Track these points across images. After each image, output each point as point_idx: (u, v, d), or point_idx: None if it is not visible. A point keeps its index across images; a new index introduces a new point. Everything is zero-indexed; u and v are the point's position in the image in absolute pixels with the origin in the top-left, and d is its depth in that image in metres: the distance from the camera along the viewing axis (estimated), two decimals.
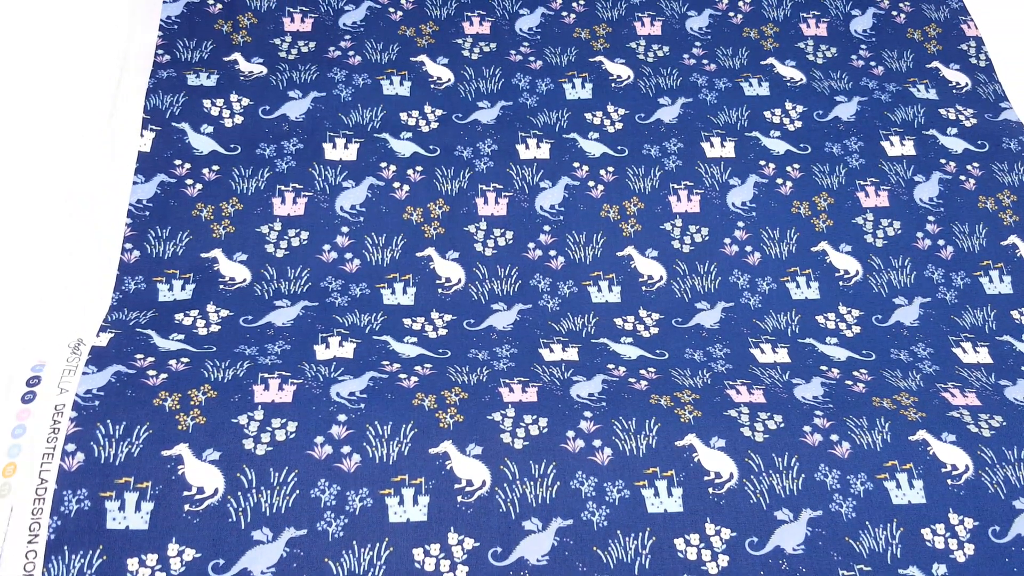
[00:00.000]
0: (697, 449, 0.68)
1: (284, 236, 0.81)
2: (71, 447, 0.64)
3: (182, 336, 0.72)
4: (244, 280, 0.78)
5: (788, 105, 0.93)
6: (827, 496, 0.67)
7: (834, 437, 0.69)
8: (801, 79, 0.95)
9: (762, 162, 0.88)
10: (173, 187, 0.82)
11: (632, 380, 0.72)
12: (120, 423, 0.65)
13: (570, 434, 0.68)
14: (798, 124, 0.92)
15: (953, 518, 0.67)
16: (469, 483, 0.66)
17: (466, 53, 0.94)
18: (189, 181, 0.82)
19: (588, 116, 0.91)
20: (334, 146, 0.86)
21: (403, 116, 0.89)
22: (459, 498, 0.65)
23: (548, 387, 0.71)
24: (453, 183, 0.85)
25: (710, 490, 0.66)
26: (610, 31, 0.98)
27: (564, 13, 0.99)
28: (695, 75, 0.95)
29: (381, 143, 0.87)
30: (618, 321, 0.79)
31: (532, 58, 0.95)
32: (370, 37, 0.94)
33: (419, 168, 0.85)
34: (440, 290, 0.80)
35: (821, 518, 0.66)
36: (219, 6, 0.95)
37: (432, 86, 0.91)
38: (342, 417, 0.68)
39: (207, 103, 0.87)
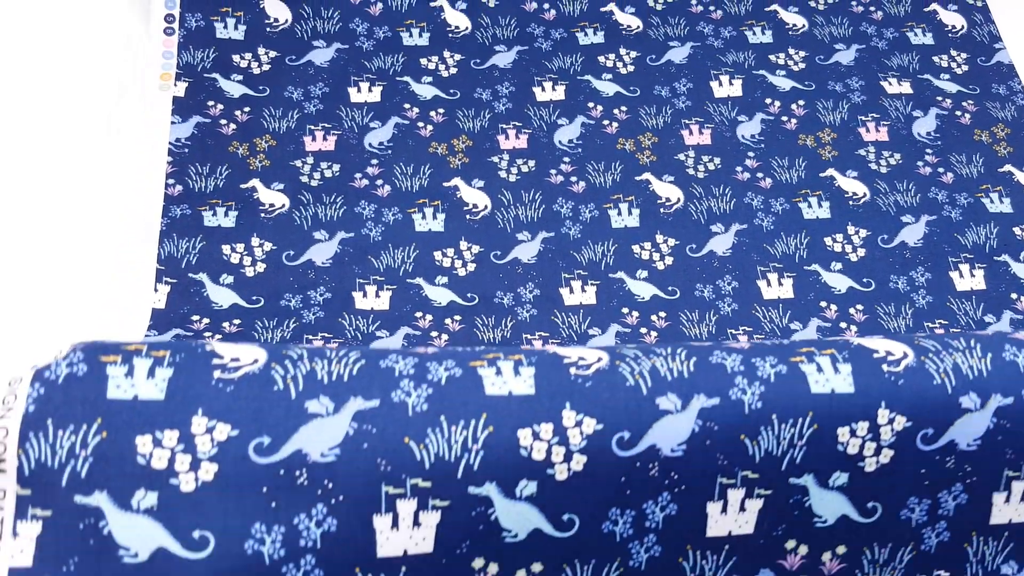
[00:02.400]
0: None
1: None
2: None
3: (153, 499, 0.47)
4: None
5: (851, 229, 0.86)
6: None
7: None
8: (864, 193, 0.88)
9: (823, 303, 0.82)
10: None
11: None
12: None
13: None
14: (860, 252, 0.85)
15: None
16: None
17: (503, 174, 0.87)
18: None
19: (636, 249, 0.84)
20: (364, 295, 0.79)
21: (437, 256, 0.82)
22: None
23: None
24: (494, 331, 0.78)
25: None
26: (656, 141, 0.91)
27: (606, 122, 0.91)
28: (750, 194, 0.88)
29: (415, 290, 0.80)
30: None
31: (574, 178, 0.88)
32: (399, 160, 0.87)
33: (457, 318, 0.79)
34: None
35: None
36: (233, 126, 0.87)
37: (468, 216, 0.84)
38: None
39: (226, 249, 0.80)
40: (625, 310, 0.81)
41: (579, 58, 0.96)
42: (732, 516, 0.53)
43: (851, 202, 0.88)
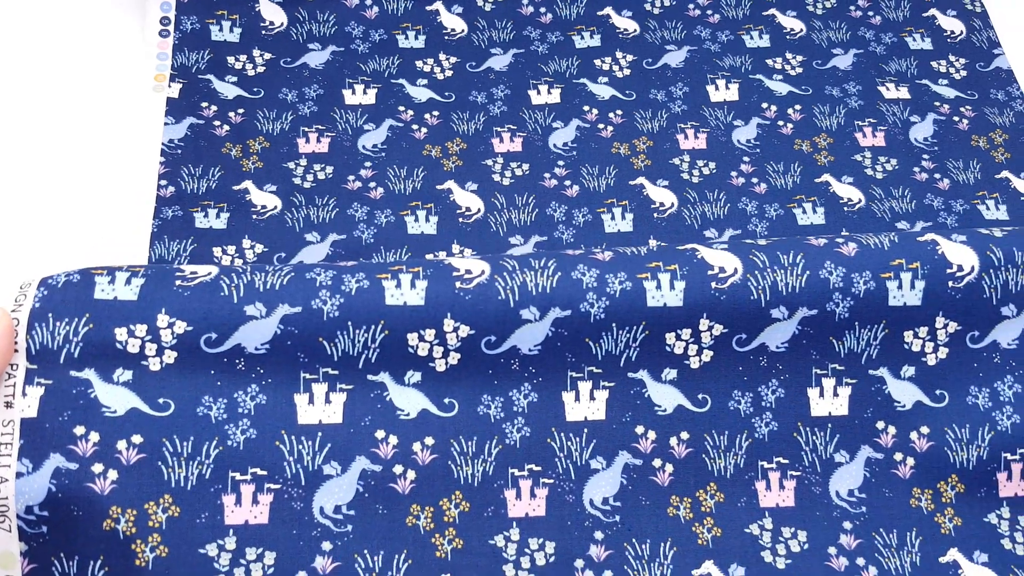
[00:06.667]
0: None
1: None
2: None
3: (129, 375, 0.61)
4: None
5: (843, 234, 0.85)
6: None
7: (860, 561, 0.65)
8: (860, 200, 0.88)
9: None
10: None
11: (657, 464, 0.67)
12: (72, 558, 0.59)
13: (579, 563, 0.64)
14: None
15: None
16: None
17: (496, 177, 0.87)
18: None
19: None
20: None
21: (429, 259, 0.81)
22: None
23: (560, 484, 0.66)
24: None
25: None
26: (651, 145, 0.90)
27: (601, 126, 0.91)
28: (744, 200, 0.87)
29: None
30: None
31: (568, 182, 0.87)
32: (392, 163, 0.87)
33: None
34: None
35: None
36: (227, 128, 0.87)
37: (461, 219, 0.84)
38: (327, 545, 0.62)
39: (217, 251, 0.80)
40: None
41: (575, 61, 0.95)
42: (584, 404, 0.66)
43: (846, 208, 0.87)
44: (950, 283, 0.68)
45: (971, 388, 0.70)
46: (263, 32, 0.94)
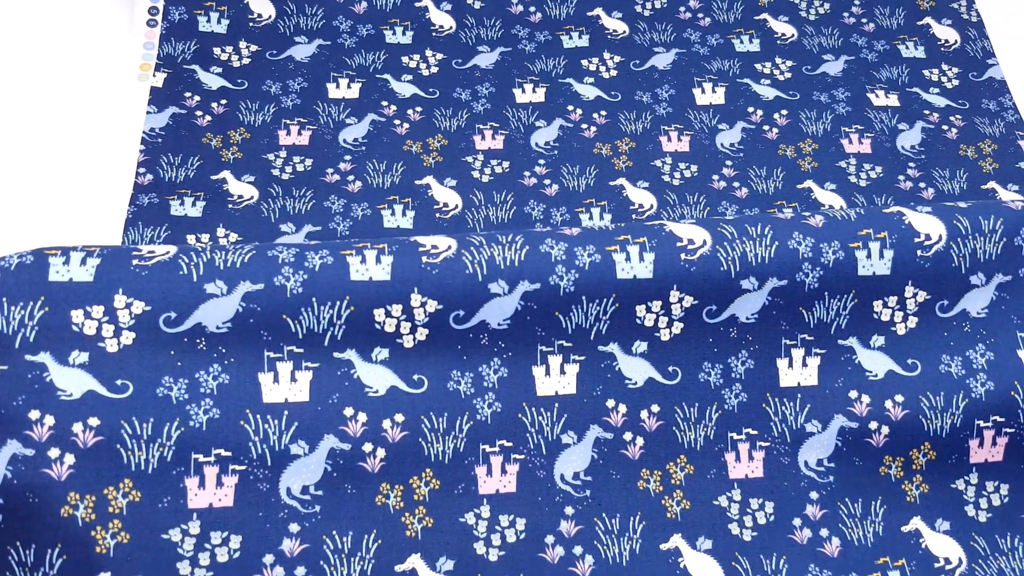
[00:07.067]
0: (683, 553, 0.64)
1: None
2: None
3: (85, 357, 0.60)
4: None
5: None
6: None
7: (824, 532, 0.66)
8: (841, 207, 0.87)
9: None
10: None
11: (627, 438, 0.67)
12: (29, 547, 0.58)
13: (549, 539, 0.64)
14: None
15: None
16: None
17: (476, 174, 0.87)
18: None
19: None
20: None
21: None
22: None
23: (531, 459, 0.66)
24: None
25: None
26: (634, 146, 0.90)
27: (584, 125, 0.91)
28: (724, 203, 0.87)
29: None
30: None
31: (548, 181, 0.87)
32: (372, 157, 0.87)
33: None
34: None
35: None
36: (208, 118, 0.87)
37: (438, 215, 0.84)
38: (294, 527, 0.62)
39: (191, 239, 0.80)
40: None
41: (562, 61, 0.95)
42: (555, 378, 0.66)
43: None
44: (918, 252, 0.68)
45: (943, 356, 0.70)
46: (250, 24, 0.94)
